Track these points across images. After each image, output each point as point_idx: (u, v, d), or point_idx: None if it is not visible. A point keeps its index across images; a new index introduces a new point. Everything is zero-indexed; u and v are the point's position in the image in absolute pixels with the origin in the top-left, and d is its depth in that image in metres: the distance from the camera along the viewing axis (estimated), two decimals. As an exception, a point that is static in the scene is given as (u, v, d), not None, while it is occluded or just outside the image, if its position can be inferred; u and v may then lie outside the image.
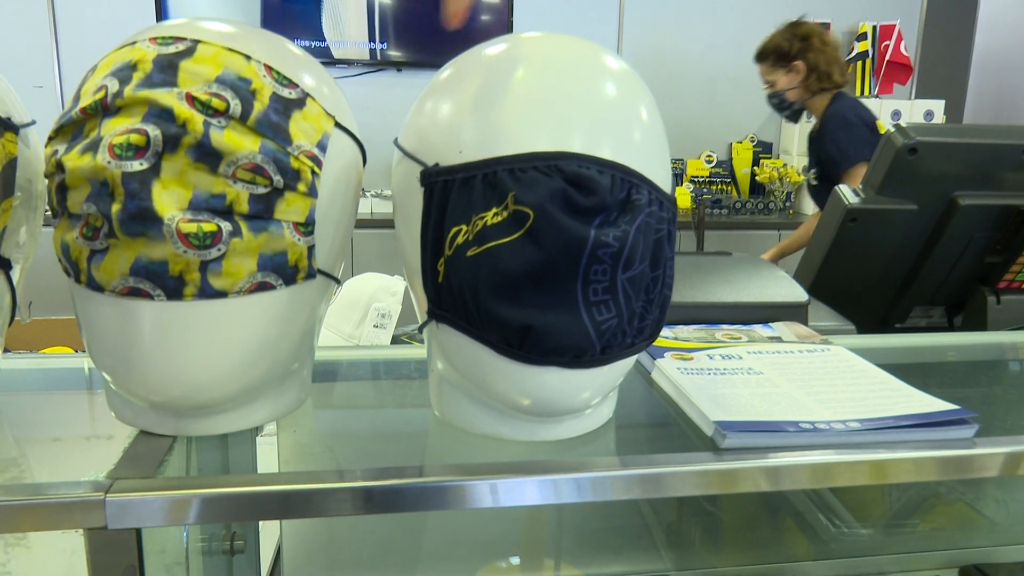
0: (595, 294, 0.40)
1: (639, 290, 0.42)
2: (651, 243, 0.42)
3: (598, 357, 0.42)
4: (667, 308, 0.45)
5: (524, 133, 0.41)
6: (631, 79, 0.45)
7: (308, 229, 0.43)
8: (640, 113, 0.44)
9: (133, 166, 0.38)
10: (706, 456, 0.45)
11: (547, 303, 0.40)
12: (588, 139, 0.41)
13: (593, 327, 0.41)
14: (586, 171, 0.40)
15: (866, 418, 0.49)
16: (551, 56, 0.44)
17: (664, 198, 0.43)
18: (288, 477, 0.42)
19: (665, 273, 0.44)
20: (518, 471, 0.43)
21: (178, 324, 0.41)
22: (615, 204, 0.40)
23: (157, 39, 0.42)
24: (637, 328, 0.44)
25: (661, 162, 0.45)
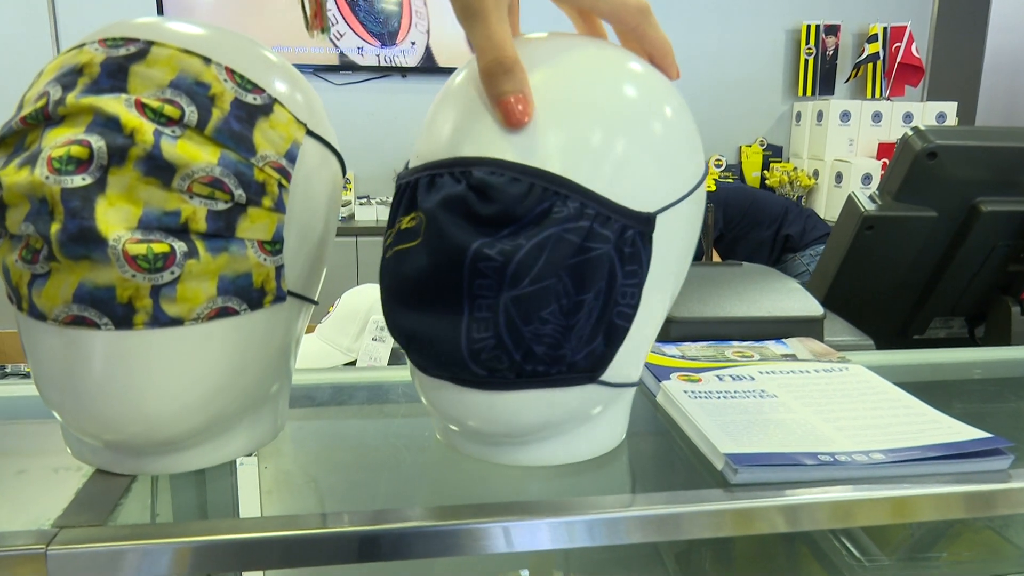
0: (479, 310, 0.37)
1: (531, 312, 0.37)
2: (563, 261, 0.36)
3: (484, 379, 0.39)
4: (619, 339, 0.40)
5: (459, 139, 0.39)
6: (619, 82, 0.40)
7: (276, 248, 0.40)
8: (615, 120, 0.39)
9: (74, 181, 0.34)
10: (715, 494, 0.41)
11: (433, 313, 0.38)
12: (525, 145, 0.37)
13: (467, 345, 0.38)
14: (494, 178, 0.36)
15: (891, 448, 0.45)
16: (529, 57, 0.40)
17: (619, 215, 0.38)
18: (264, 523, 0.38)
19: (608, 299, 0.38)
20: (499, 513, 0.39)
21: (129, 356, 0.37)
22: (527, 215, 0.36)
23: (107, 41, 0.38)
24: (545, 356, 0.38)
25: (641, 175, 0.39)
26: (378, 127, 3.18)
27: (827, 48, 3.35)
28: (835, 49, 3.36)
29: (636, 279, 0.39)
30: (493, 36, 0.37)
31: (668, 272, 0.43)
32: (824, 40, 3.34)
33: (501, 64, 0.37)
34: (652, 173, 0.40)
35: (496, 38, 0.37)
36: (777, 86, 3.42)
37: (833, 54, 3.36)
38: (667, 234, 0.41)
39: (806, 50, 3.35)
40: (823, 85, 3.39)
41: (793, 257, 2.45)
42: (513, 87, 0.37)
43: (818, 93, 3.39)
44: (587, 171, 0.38)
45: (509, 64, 0.37)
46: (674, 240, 0.42)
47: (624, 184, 0.38)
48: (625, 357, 0.42)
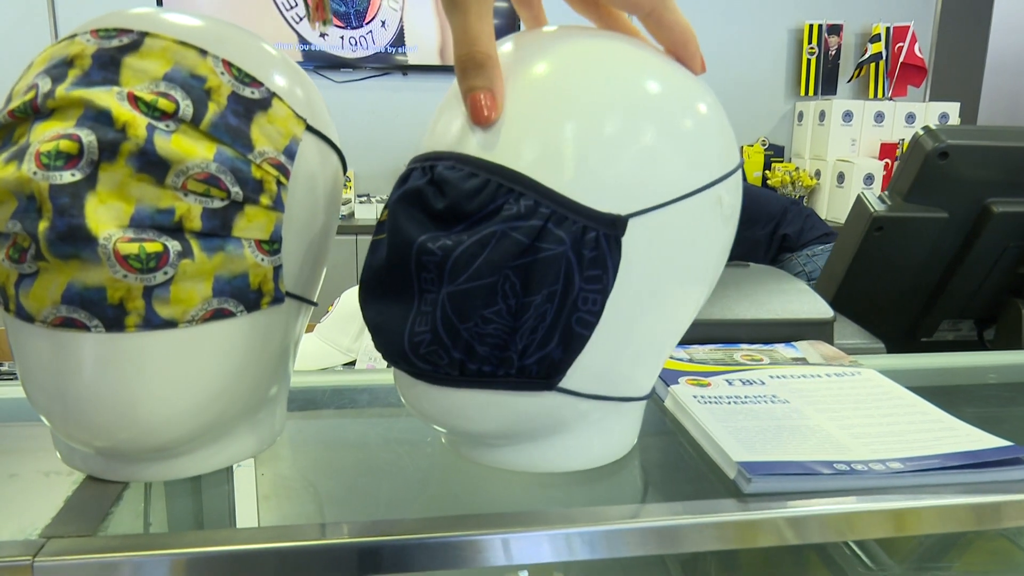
0: (424, 304, 0.37)
1: (468, 309, 0.36)
2: (508, 260, 0.35)
3: (430, 374, 0.38)
4: (577, 346, 0.38)
5: (438, 134, 0.39)
6: (605, 77, 0.38)
7: (274, 247, 0.38)
8: (590, 116, 0.37)
9: (63, 177, 0.33)
10: (727, 504, 0.40)
11: (389, 304, 0.38)
12: (491, 141, 0.37)
13: (409, 338, 0.38)
14: (452, 173, 0.36)
15: (908, 457, 0.43)
16: (515, 52, 0.40)
17: (579, 215, 0.36)
18: (260, 534, 0.37)
19: (563, 303, 0.36)
20: (500, 524, 0.37)
21: (121, 359, 0.35)
22: (479, 211, 0.36)
23: (100, 31, 0.37)
24: (490, 356, 0.37)
25: (615, 175, 0.37)
26: (378, 125, 3.17)
27: (829, 48, 3.34)
28: (837, 49, 3.34)
29: (599, 284, 0.37)
30: (469, 30, 0.37)
31: (659, 281, 0.39)
32: (827, 40, 3.32)
33: (473, 59, 0.36)
34: (629, 173, 0.37)
35: (472, 32, 0.37)
36: (779, 86, 3.40)
37: (835, 54, 3.34)
38: (654, 239, 0.38)
39: (808, 50, 3.33)
40: (825, 85, 3.37)
41: (790, 257, 2.43)
42: (482, 83, 0.36)
43: (820, 93, 3.37)
44: (550, 168, 0.36)
45: (480, 59, 0.36)
46: (667, 246, 0.39)
47: (593, 184, 0.36)
48: (599, 367, 0.39)
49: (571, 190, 0.36)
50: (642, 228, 0.37)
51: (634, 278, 0.38)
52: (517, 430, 0.41)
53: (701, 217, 0.40)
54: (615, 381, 0.42)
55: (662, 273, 0.39)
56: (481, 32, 0.37)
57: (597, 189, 0.36)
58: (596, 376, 0.40)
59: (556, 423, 0.42)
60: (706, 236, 0.41)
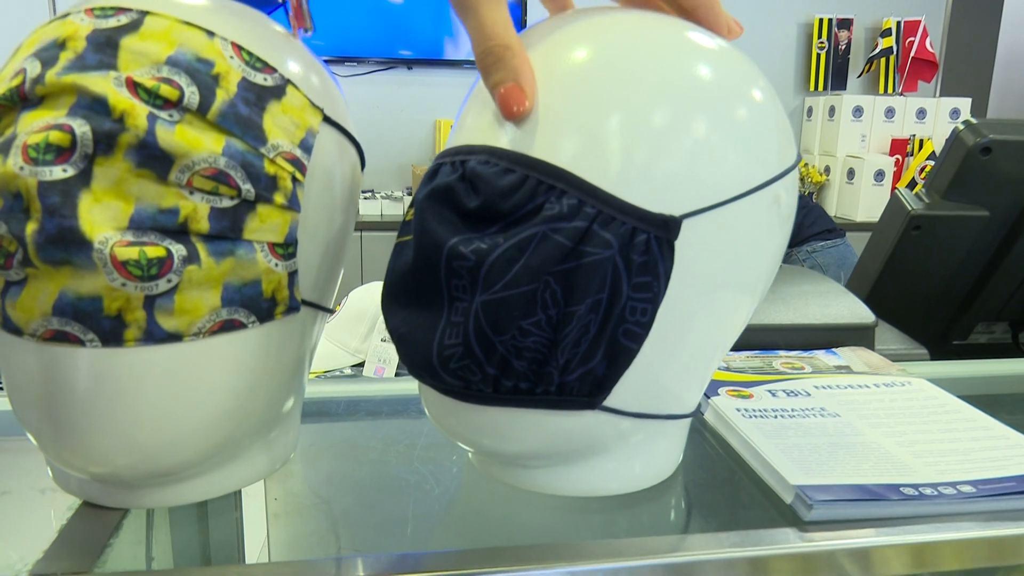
0: (456, 314, 0.33)
1: (504, 320, 0.32)
2: (549, 265, 0.32)
3: (461, 391, 0.35)
4: (624, 362, 0.34)
5: (469, 127, 0.36)
6: (651, 61, 0.34)
7: (289, 251, 0.34)
8: (639, 105, 0.33)
9: (53, 173, 0.29)
10: (787, 534, 0.36)
11: (415, 312, 0.35)
12: (527, 134, 0.33)
13: (438, 351, 0.34)
14: (485, 168, 0.33)
15: (980, 479, 0.40)
16: (549, 38, 0.36)
17: (628, 216, 0.32)
18: (272, 570, 0.33)
19: (609, 314, 0.33)
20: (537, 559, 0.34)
21: (119, 377, 0.32)
22: (517, 211, 0.32)
23: (95, 10, 0.33)
24: (528, 372, 0.33)
25: (667, 171, 0.33)
26: (383, 120, 3.13)
27: (839, 42, 3.29)
28: (848, 43, 3.29)
29: (649, 293, 0.33)
30: (483, 25, 0.34)
31: (712, 289, 0.36)
32: (836, 34, 3.28)
33: (491, 53, 0.33)
34: (682, 169, 0.33)
35: (486, 27, 0.34)
36: (789, 81, 3.36)
37: (846, 48, 3.30)
38: (708, 243, 0.34)
39: (818, 44, 3.28)
40: (835, 80, 3.32)
41: (789, 252, 2.39)
42: (503, 76, 0.33)
43: (830, 88, 3.33)
44: (595, 164, 0.33)
45: (499, 52, 0.33)
46: (722, 251, 0.35)
47: (642, 180, 0.33)
48: (645, 383, 0.36)
49: (618, 188, 0.32)
50: (696, 230, 0.34)
51: (686, 286, 0.34)
52: (553, 451, 0.38)
53: (758, 218, 0.36)
54: (661, 397, 0.38)
55: (716, 280, 0.36)
56: (495, 23, 0.33)
57: (647, 187, 0.33)
58: (641, 393, 0.36)
59: (595, 444, 0.38)
60: (763, 239, 0.37)
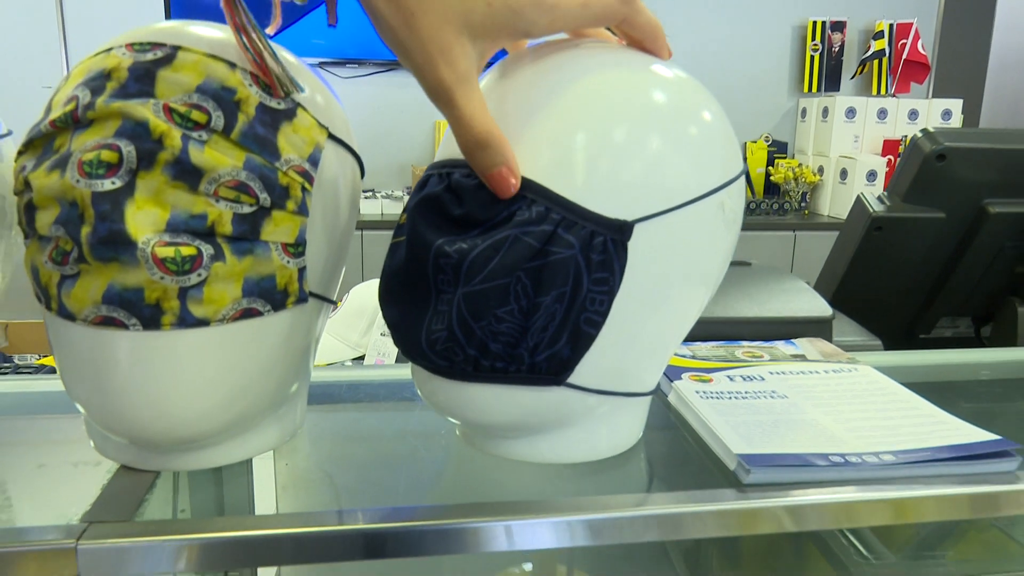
0: (441, 304, 0.40)
1: (482, 309, 0.38)
2: (520, 263, 0.37)
3: (446, 369, 0.41)
4: (584, 345, 0.40)
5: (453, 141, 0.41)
6: (607, 87, 0.40)
7: (298, 250, 0.40)
8: (595, 125, 0.39)
9: (104, 185, 0.35)
10: (728, 494, 0.42)
11: (407, 303, 0.41)
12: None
13: (426, 336, 0.40)
14: (468, 180, 0.39)
15: (900, 450, 0.45)
16: (521, 67, 0.42)
17: (587, 221, 0.38)
18: (281, 520, 0.39)
19: (572, 304, 0.38)
20: (506, 512, 0.39)
21: (156, 356, 0.37)
22: (494, 217, 0.38)
23: (134, 45, 0.39)
24: (502, 353, 0.39)
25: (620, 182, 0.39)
26: (383, 121, 3.18)
27: (833, 45, 3.35)
28: (841, 46, 3.35)
29: (606, 287, 0.39)
30: (463, 117, 0.37)
31: (663, 283, 0.41)
32: (830, 36, 3.33)
33: (476, 142, 0.37)
34: (636, 180, 0.39)
35: (465, 118, 0.37)
36: (783, 82, 3.41)
37: (839, 51, 3.35)
38: (659, 243, 0.40)
39: (812, 46, 3.34)
40: (829, 82, 3.38)
41: None
42: (493, 161, 0.38)
43: (824, 89, 3.38)
44: (561, 176, 0.38)
45: (484, 140, 0.37)
46: (672, 250, 0.41)
47: (601, 190, 0.38)
48: (605, 364, 0.41)
49: (580, 196, 0.38)
50: (647, 232, 0.39)
51: (639, 280, 0.40)
52: (527, 423, 0.44)
53: (705, 222, 0.42)
54: (621, 377, 0.44)
55: (666, 275, 0.41)
56: (474, 114, 0.37)
57: (605, 195, 0.39)
58: (603, 373, 0.42)
59: (564, 417, 0.44)
60: (710, 240, 0.43)
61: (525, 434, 0.45)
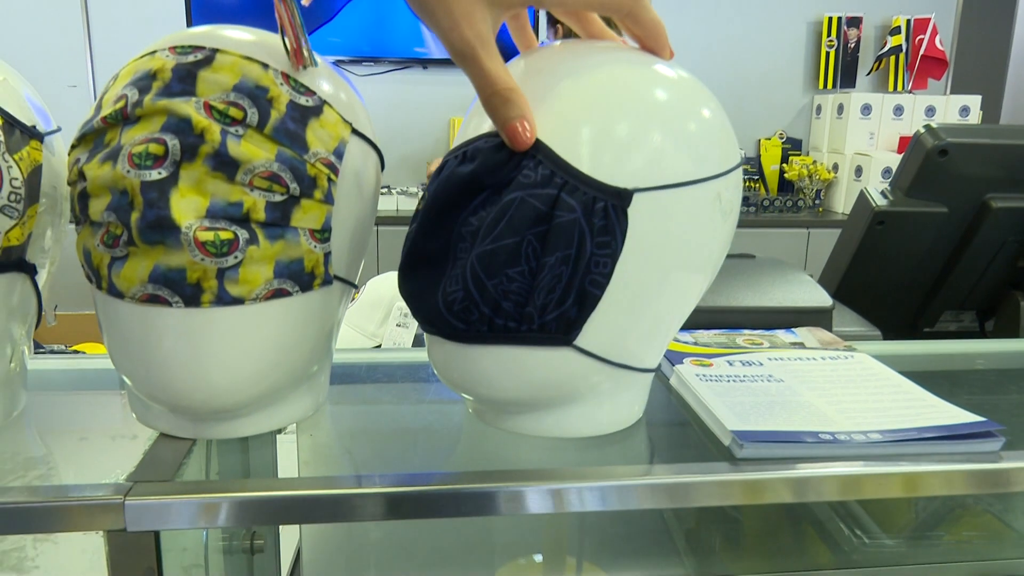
0: (455, 268, 0.43)
1: (493, 267, 0.41)
2: (527, 224, 0.41)
3: (462, 332, 0.43)
4: (590, 305, 0.43)
5: (474, 129, 0.44)
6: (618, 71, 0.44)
7: (324, 236, 0.44)
8: (604, 100, 0.43)
9: (152, 175, 0.39)
10: (722, 467, 0.45)
11: (425, 274, 0.44)
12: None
13: (443, 298, 0.43)
14: (483, 143, 0.42)
15: (887, 429, 0.48)
16: (543, 57, 0.46)
17: (589, 187, 0.41)
18: (305, 482, 0.43)
19: (577, 266, 0.41)
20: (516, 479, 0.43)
21: (196, 331, 0.41)
22: (504, 177, 0.41)
23: (176, 48, 0.42)
24: (514, 312, 0.42)
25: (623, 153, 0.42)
26: (398, 118, 3.22)
27: (849, 40, 3.34)
28: (857, 41, 3.34)
29: (608, 249, 0.42)
30: (486, 74, 0.41)
31: (662, 258, 0.44)
32: (846, 32, 3.33)
33: (499, 96, 0.41)
34: (635, 155, 0.42)
35: (489, 74, 0.41)
36: (797, 79, 3.41)
37: (855, 46, 3.35)
38: (657, 217, 0.43)
39: (827, 42, 3.33)
40: (844, 78, 3.37)
41: None
42: (514, 113, 0.41)
43: (839, 86, 3.38)
44: (568, 143, 0.42)
45: (506, 95, 0.41)
46: (670, 227, 0.44)
47: (602, 160, 0.42)
48: (609, 331, 0.45)
49: (584, 164, 0.42)
50: (647, 204, 0.43)
51: (640, 249, 0.43)
52: (535, 396, 0.47)
53: (701, 206, 0.45)
54: (624, 350, 0.47)
55: (664, 251, 0.45)
56: (496, 71, 0.41)
57: (607, 165, 0.42)
58: (607, 340, 0.45)
59: (570, 389, 0.47)
60: (705, 225, 0.46)
61: (533, 409, 0.48)
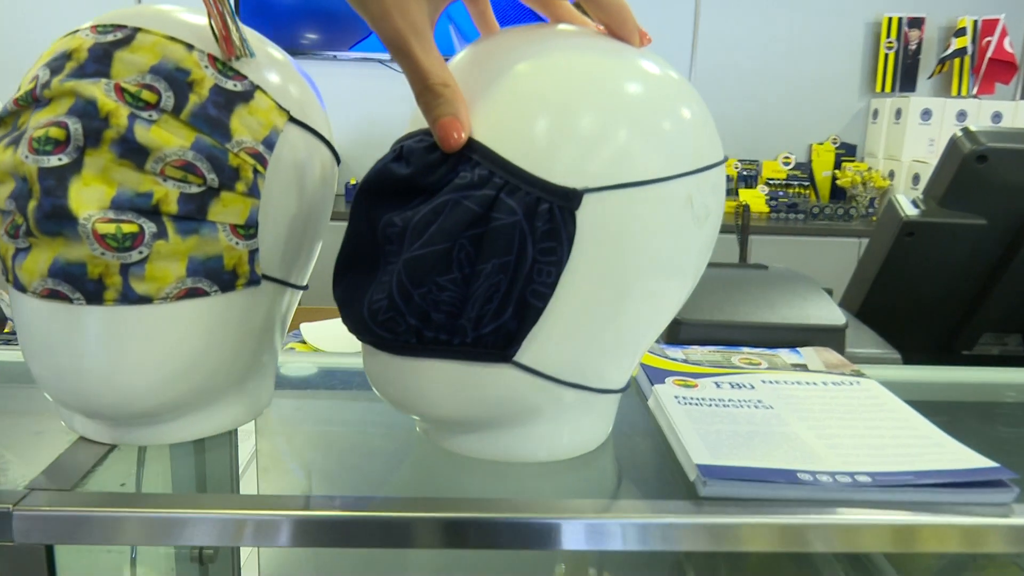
0: (384, 275, 0.39)
1: (421, 275, 0.37)
2: (461, 228, 0.36)
3: (390, 343, 0.40)
4: (531, 318, 0.38)
5: (417, 120, 0.40)
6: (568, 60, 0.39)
7: (249, 232, 0.40)
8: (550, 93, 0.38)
9: (51, 161, 0.36)
10: (680, 506, 0.40)
11: (353, 279, 0.41)
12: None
13: (368, 306, 0.39)
14: (417, 144, 0.38)
15: (880, 471, 0.42)
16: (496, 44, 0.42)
17: (532, 187, 0.36)
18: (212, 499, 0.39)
19: (517, 274, 0.37)
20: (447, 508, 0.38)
21: (101, 330, 0.38)
22: (438, 180, 0.37)
23: (98, 27, 0.39)
24: (445, 324, 0.38)
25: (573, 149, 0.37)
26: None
27: (910, 42, 3.18)
28: (919, 43, 3.18)
29: (553, 256, 0.37)
30: (418, 67, 0.38)
31: (619, 267, 0.39)
32: (907, 33, 3.17)
33: (431, 91, 0.38)
34: (585, 149, 0.37)
35: (421, 68, 0.38)
36: (854, 81, 3.27)
37: (916, 48, 3.19)
38: (613, 220, 0.38)
39: (887, 44, 3.18)
40: (904, 81, 3.21)
41: None
42: (443, 110, 0.37)
43: (898, 89, 3.22)
44: (508, 139, 0.37)
45: (437, 90, 0.38)
46: (628, 233, 0.39)
47: (548, 155, 0.37)
48: (557, 347, 0.40)
49: (526, 161, 0.37)
50: (599, 206, 0.38)
51: (591, 257, 0.38)
52: (478, 413, 0.42)
53: (667, 210, 0.40)
54: (577, 368, 0.42)
55: (622, 259, 0.39)
56: (430, 65, 0.38)
57: (552, 161, 0.37)
58: (555, 357, 0.40)
59: (518, 408, 0.42)
60: (673, 232, 0.40)
61: (478, 429, 0.44)
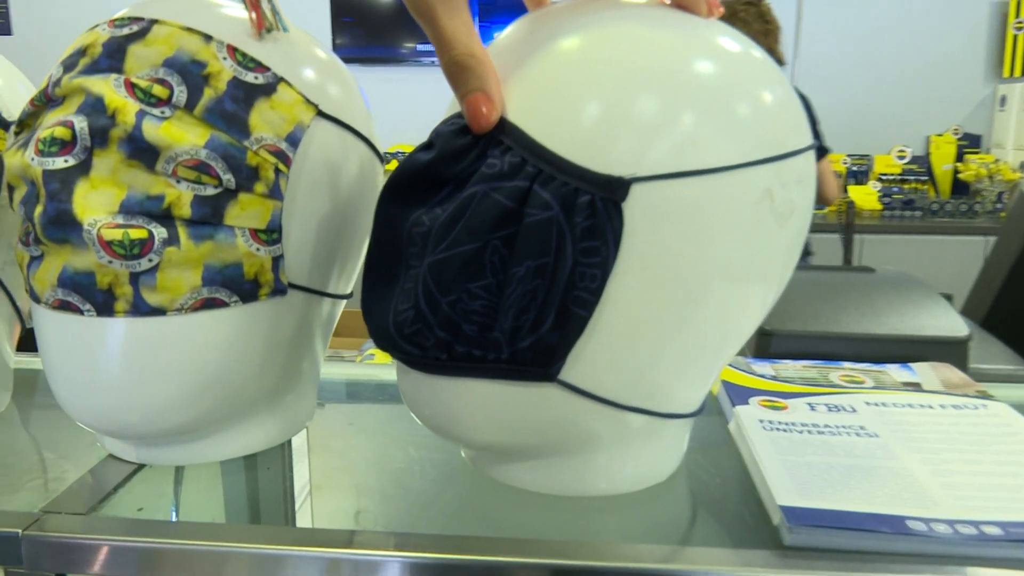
0: (408, 281, 0.34)
1: (448, 281, 0.32)
2: (491, 226, 0.31)
3: (420, 360, 0.34)
4: (575, 329, 0.33)
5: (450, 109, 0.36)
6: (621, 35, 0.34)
7: (272, 237, 0.37)
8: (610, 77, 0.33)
9: (56, 163, 0.34)
10: (760, 557, 0.33)
11: (378, 286, 0.36)
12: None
13: (393, 317, 0.34)
14: (445, 127, 0.33)
15: (1013, 521, 0.34)
16: (544, 17, 0.36)
17: (570, 176, 0.31)
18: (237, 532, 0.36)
19: (555, 278, 0.32)
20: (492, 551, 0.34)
21: (114, 344, 0.36)
22: (465, 168, 0.32)
23: (116, 20, 0.37)
24: (478, 338, 0.33)
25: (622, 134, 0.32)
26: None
27: (1044, 21, 2.89)
28: (1054, 22, 2.88)
29: (597, 257, 0.32)
30: (444, 36, 0.33)
31: (679, 269, 0.33)
32: (1041, 12, 2.88)
33: (456, 63, 0.33)
34: (634, 131, 0.32)
35: (447, 36, 0.33)
36: (977, 66, 2.99)
37: (1052, 28, 2.89)
38: (669, 216, 0.32)
39: (1015, 24, 2.90)
40: (1037, 64, 2.92)
41: None
42: (473, 85, 0.33)
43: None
44: (543, 121, 0.32)
45: (463, 62, 0.33)
46: (688, 230, 0.33)
47: (589, 139, 0.32)
48: (610, 362, 0.34)
49: (563, 147, 0.32)
50: (653, 198, 0.32)
51: (644, 258, 0.32)
52: (525, 440, 0.37)
53: (738, 204, 0.33)
54: (640, 389, 0.36)
55: (683, 261, 0.33)
56: (456, 32, 0.33)
57: (595, 146, 0.32)
58: (611, 376, 0.35)
59: (565, 438, 0.37)
60: (748, 230, 0.34)
61: (527, 456, 0.39)
